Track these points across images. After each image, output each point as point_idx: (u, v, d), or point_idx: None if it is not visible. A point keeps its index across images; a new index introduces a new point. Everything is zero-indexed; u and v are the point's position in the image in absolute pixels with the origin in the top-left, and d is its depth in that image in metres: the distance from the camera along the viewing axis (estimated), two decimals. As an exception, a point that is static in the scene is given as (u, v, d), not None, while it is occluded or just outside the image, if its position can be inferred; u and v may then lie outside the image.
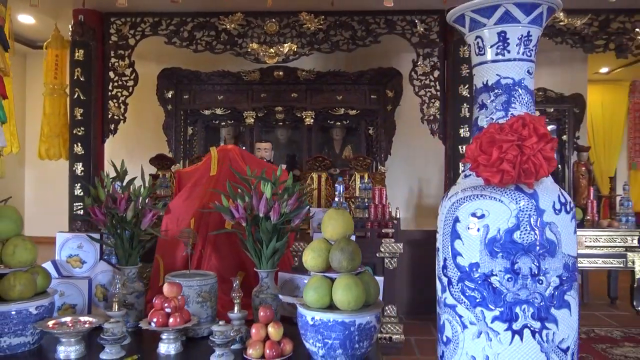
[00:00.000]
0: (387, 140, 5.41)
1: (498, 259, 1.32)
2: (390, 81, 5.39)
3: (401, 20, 4.81)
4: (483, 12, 1.42)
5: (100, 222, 2.14)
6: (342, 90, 5.43)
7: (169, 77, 5.37)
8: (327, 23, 4.75)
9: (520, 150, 1.28)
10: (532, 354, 1.31)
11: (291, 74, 5.26)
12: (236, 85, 5.41)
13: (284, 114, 5.47)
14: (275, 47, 4.68)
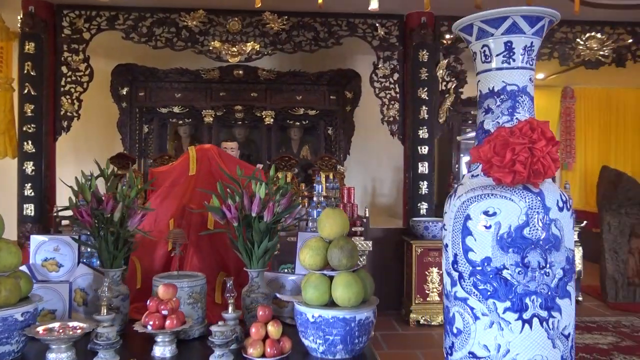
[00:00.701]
0: (346, 141, 5.51)
1: (509, 253, 1.42)
2: (349, 82, 5.49)
3: (362, 23, 4.92)
4: (492, 23, 1.51)
5: (87, 223, 2.07)
6: (302, 91, 5.47)
7: (124, 74, 5.20)
8: (290, 23, 4.78)
9: (530, 152, 1.38)
10: (540, 341, 1.41)
11: (251, 73, 5.24)
12: (194, 83, 5.32)
13: (243, 113, 5.44)
14: (238, 46, 4.65)
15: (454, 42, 5.07)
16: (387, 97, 4.95)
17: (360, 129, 5.87)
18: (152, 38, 4.65)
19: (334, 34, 4.86)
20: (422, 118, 4.81)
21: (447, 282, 1.58)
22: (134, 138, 5.23)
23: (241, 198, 2.21)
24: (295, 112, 5.51)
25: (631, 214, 5.53)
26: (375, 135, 6.20)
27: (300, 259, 2.03)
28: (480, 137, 1.58)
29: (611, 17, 5.18)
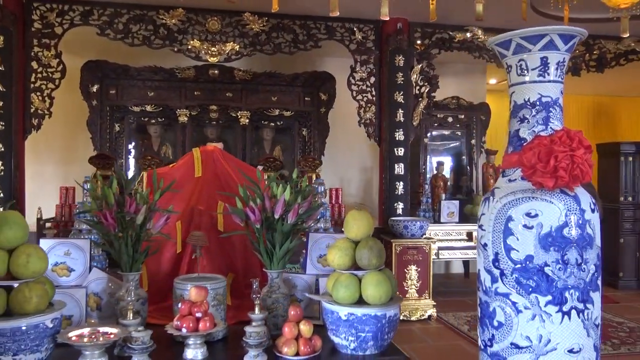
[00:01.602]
0: (321, 142, 5.59)
1: (551, 252, 1.55)
2: (324, 84, 5.57)
3: (340, 27, 5.01)
4: (530, 39, 1.64)
5: (111, 227, 2.04)
6: (277, 92, 5.50)
7: (94, 70, 5.03)
8: (270, 25, 4.80)
9: (571, 159, 1.52)
10: (577, 331, 1.56)
11: (227, 73, 5.21)
12: (169, 82, 5.22)
13: (218, 113, 5.39)
14: (218, 46, 4.62)
15: (426, 48, 5.27)
16: (364, 100, 5.07)
17: (331, 130, 5.96)
18: (128, 35, 4.53)
19: (313, 37, 4.93)
20: (398, 121, 4.97)
21: (485, 279, 1.69)
22: (105, 137, 5.06)
23: (262, 200, 2.24)
24: (271, 113, 5.53)
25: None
26: (344, 137, 6.33)
27: (329, 260, 2.10)
28: (515, 144, 1.71)
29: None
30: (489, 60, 5.52)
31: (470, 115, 6.55)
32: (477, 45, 5.40)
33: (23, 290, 1.75)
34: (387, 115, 5.00)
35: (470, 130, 6.59)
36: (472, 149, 6.59)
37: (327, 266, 2.58)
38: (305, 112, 5.66)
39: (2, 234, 1.77)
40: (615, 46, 5.80)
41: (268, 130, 5.86)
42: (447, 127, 6.53)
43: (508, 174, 1.71)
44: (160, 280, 2.61)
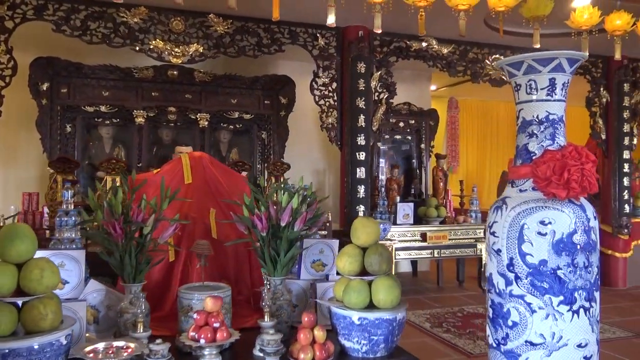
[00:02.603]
0: (281, 145, 5.61)
1: (562, 256, 1.70)
2: (283, 88, 5.60)
3: (304, 32, 5.06)
4: (541, 62, 1.79)
5: (119, 238, 1.98)
6: (237, 94, 5.46)
7: (44, 67, 4.74)
8: (234, 27, 4.76)
9: (581, 172, 1.68)
10: (584, 327, 1.72)
11: (186, 74, 5.11)
12: (125, 82, 5.03)
13: (176, 114, 5.26)
14: (182, 47, 4.52)
15: (384, 56, 5.44)
16: (326, 105, 5.15)
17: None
18: (86, 32, 4.33)
19: (277, 41, 4.94)
20: (359, 126, 5.09)
21: (499, 282, 1.82)
22: (55, 138, 4.79)
23: (266, 208, 2.26)
24: (230, 115, 5.47)
25: (524, 213, 6.37)
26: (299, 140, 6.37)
27: (339, 267, 2.15)
28: (524, 157, 1.85)
29: (511, 42, 5.92)
30: (442, 69, 5.79)
31: (420, 120, 6.83)
32: (431, 55, 5.65)
33: (37, 306, 1.67)
34: (348, 120, 5.11)
35: (419, 135, 6.86)
36: (421, 153, 6.87)
37: (320, 271, 2.64)
38: (264, 115, 5.66)
39: (14, 247, 1.67)
40: (551, 59, 6.25)
41: (225, 133, 5.80)
42: (399, 132, 6.76)
43: (518, 184, 1.85)
44: (152, 290, 2.54)
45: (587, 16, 3.24)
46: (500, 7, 2.91)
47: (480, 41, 5.81)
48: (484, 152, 11.63)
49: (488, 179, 11.43)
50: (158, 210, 2.09)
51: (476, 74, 5.85)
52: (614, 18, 3.35)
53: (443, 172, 6.47)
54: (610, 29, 3.41)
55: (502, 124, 11.87)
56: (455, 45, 5.73)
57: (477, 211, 6.15)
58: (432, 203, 5.95)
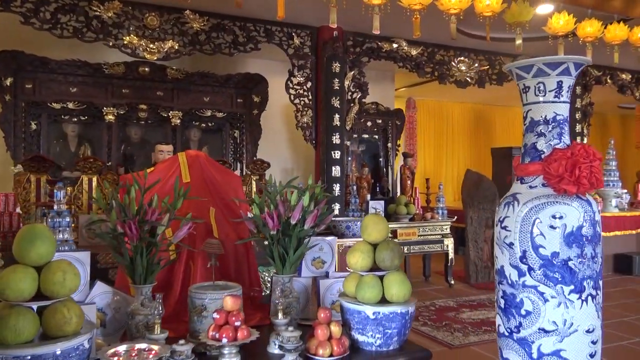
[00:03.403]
0: (253, 144, 5.58)
1: (573, 248, 1.82)
2: (256, 87, 5.57)
3: (279, 31, 5.06)
4: (550, 66, 1.90)
5: (135, 238, 1.94)
6: (210, 92, 5.39)
7: (7, 62, 4.51)
8: (210, 24, 4.70)
9: (590, 170, 1.81)
10: (592, 314, 1.85)
11: (158, 71, 4.99)
12: (94, 78, 4.86)
13: (147, 112, 5.13)
14: (157, 44, 4.42)
15: (357, 56, 5.52)
16: (301, 104, 5.18)
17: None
18: (56, 26, 4.15)
19: (253, 39, 4.92)
20: (335, 125, 5.15)
21: (511, 274, 1.92)
22: (20, 136, 4.56)
23: (276, 206, 2.27)
24: (203, 113, 5.39)
25: (487, 209, 6.66)
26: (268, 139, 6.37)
27: (352, 263, 2.20)
28: (532, 155, 1.96)
29: (475, 46, 6.16)
30: (411, 70, 5.94)
31: (386, 120, 6.97)
32: (401, 56, 5.78)
33: (61, 310, 1.61)
34: (324, 119, 5.16)
35: (386, 134, 7.01)
36: (388, 151, 7.01)
37: (320, 268, 2.67)
38: (237, 114, 5.61)
39: (35, 249, 1.62)
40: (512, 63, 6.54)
41: (196, 131, 5.71)
42: (367, 131, 6.88)
43: (527, 181, 1.96)
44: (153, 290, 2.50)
45: (562, 22, 3.44)
46: (487, 12, 3.04)
47: (446, 44, 6.00)
48: (440, 150, 11.99)
49: (444, 176, 11.78)
50: (172, 210, 2.06)
51: (443, 75, 6.04)
52: (585, 26, 3.58)
53: (410, 171, 6.63)
54: (582, 35, 3.64)
55: (456, 123, 12.30)
56: (424, 47, 5.90)
57: (443, 208, 6.35)
58: (401, 201, 6.09)
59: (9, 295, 1.55)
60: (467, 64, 6.17)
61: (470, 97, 11.27)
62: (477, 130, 12.54)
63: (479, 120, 12.63)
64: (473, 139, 12.47)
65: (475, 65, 6.22)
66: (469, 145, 12.36)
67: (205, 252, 2.51)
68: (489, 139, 12.58)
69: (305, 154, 7.08)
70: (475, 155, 12.32)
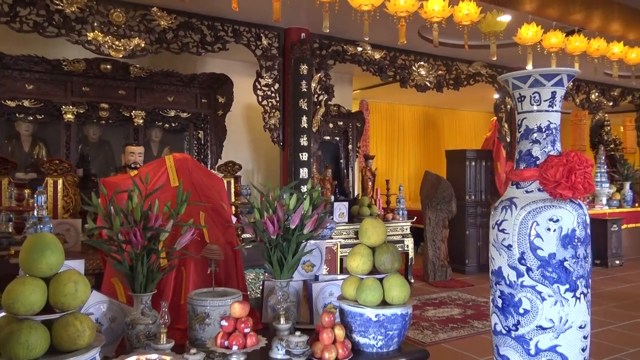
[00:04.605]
0: (218, 145, 5.50)
1: (568, 249, 1.94)
2: (221, 87, 5.49)
3: (247, 32, 5.01)
4: (546, 77, 2.01)
5: (139, 245, 1.88)
6: (174, 92, 5.26)
7: (-44, 56, 4.21)
8: (178, 22, 4.59)
9: (584, 175, 1.93)
10: (584, 310, 1.97)
11: (120, 68, 4.81)
12: (52, 75, 4.61)
13: (109, 111, 4.93)
14: (123, 41, 4.27)
15: (323, 59, 5.56)
16: (269, 106, 5.15)
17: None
18: (15, 19, 3.92)
19: (221, 39, 4.85)
20: (302, 127, 5.17)
21: (509, 275, 2.02)
22: (-30, 136, 4.27)
23: (275, 211, 2.27)
24: (167, 113, 5.25)
25: (444, 210, 6.88)
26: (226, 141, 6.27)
27: (353, 266, 2.23)
28: (528, 161, 2.06)
29: (434, 51, 6.35)
30: (375, 74, 6.04)
31: (347, 122, 7.05)
32: (365, 59, 5.88)
33: (73, 323, 1.54)
34: (291, 121, 5.16)
35: (347, 136, 7.09)
36: (349, 153, 7.10)
37: (309, 272, 2.69)
38: (201, 114, 5.50)
39: (45, 259, 1.54)
40: (467, 68, 6.82)
41: (157, 131, 5.55)
42: (328, 133, 6.93)
43: (523, 186, 2.06)
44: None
45: (531, 33, 3.63)
46: (466, 22, 3.17)
47: (407, 48, 6.15)
48: (391, 151, 12.25)
49: (396, 177, 12.05)
50: (175, 215, 2.01)
51: (404, 79, 6.19)
52: (550, 36, 3.80)
53: (371, 172, 6.75)
54: (547, 46, 3.85)
55: (407, 125, 12.61)
56: (387, 51, 6.02)
57: (403, 209, 6.51)
58: (364, 202, 6.19)
59: (19, 309, 1.47)
60: (426, 69, 6.36)
61: (421, 100, 11.60)
62: (427, 132, 12.91)
63: (429, 123, 13.01)
64: (423, 141, 12.82)
65: (433, 70, 6.41)
66: (420, 147, 12.71)
67: (197, 258, 2.47)
68: (439, 141, 13.00)
69: (266, 156, 7.05)
70: (425, 157, 12.68)
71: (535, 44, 3.73)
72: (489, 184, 7.93)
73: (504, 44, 4.30)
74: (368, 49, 5.81)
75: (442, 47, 6.08)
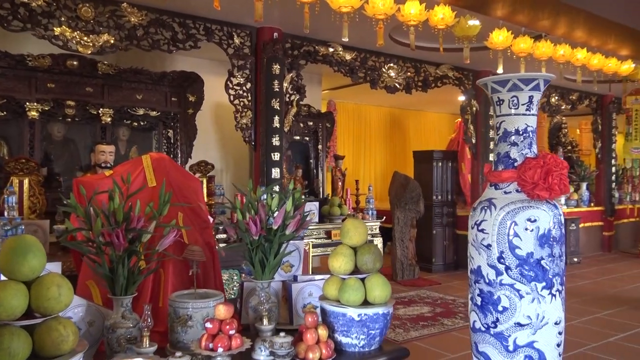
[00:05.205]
0: (188, 144, 5.41)
1: (545, 248, 2.01)
2: (191, 85, 5.41)
3: (219, 30, 4.96)
4: (524, 81, 2.07)
5: (122, 248, 1.84)
6: (143, 90, 5.14)
7: None
8: (149, 19, 4.49)
9: (560, 177, 2.01)
10: (559, 307, 2.05)
11: (88, 65, 4.68)
12: (14, 70, 4.44)
13: (75, 109, 4.78)
14: (92, 37, 4.15)
15: (295, 59, 5.55)
16: (240, 105, 5.11)
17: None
18: (-24, 12, 3.76)
19: (192, 37, 4.78)
20: (275, 127, 5.15)
21: (488, 274, 2.07)
22: None
23: (257, 211, 2.26)
24: (135, 112, 5.13)
25: (412, 210, 6.99)
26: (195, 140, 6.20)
27: (335, 266, 2.24)
28: (506, 162, 2.13)
29: (403, 53, 6.44)
30: (346, 74, 6.08)
31: (317, 122, 7.07)
32: (336, 60, 5.90)
33: (57, 328, 1.50)
34: (263, 121, 5.13)
35: (317, 136, 7.11)
36: (318, 153, 7.12)
37: (288, 272, 2.69)
38: (171, 113, 5.40)
39: (27, 263, 1.49)
40: (435, 71, 6.95)
41: (125, 130, 5.42)
42: (298, 133, 6.93)
43: (502, 187, 2.12)
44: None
45: (502, 38, 3.74)
46: (441, 25, 3.23)
47: (378, 50, 6.21)
48: (358, 152, 12.35)
49: (362, 177, 12.15)
50: (158, 216, 1.98)
51: (374, 80, 6.25)
52: (520, 42, 3.92)
53: (341, 172, 6.79)
54: (516, 51, 3.97)
55: (374, 126, 12.74)
56: (358, 52, 6.07)
57: (373, 209, 6.58)
58: (335, 202, 6.22)
59: (0, 314, 1.41)
60: (396, 71, 6.44)
61: (387, 102, 11.75)
62: (393, 133, 13.08)
63: (395, 124, 13.18)
64: (389, 141, 12.98)
65: (403, 72, 6.51)
66: (386, 147, 12.86)
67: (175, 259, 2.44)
68: (404, 142, 13.19)
69: (235, 155, 6.99)
70: (391, 158, 12.84)
71: (506, 48, 3.85)
72: (455, 185, 8.11)
73: (473, 48, 4.40)
74: (340, 50, 5.84)
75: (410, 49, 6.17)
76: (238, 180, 6.82)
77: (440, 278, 7.18)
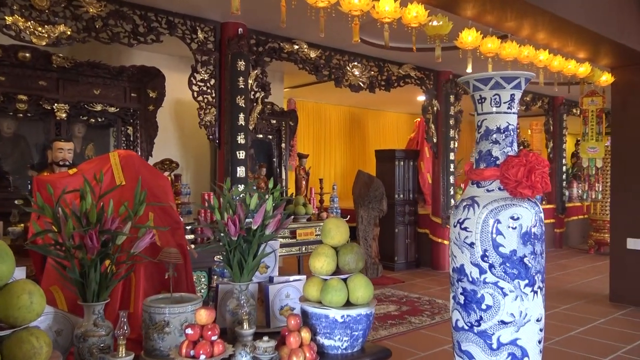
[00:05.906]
0: (149, 142, 5.22)
1: (527, 245, 2.02)
2: (152, 81, 5.21)
3: (182, 24, 4.80)
4: (507, 79, 2.08)
5: (94, 251, 1.72)
6: (101, 84, 4.91)
7: None
8: (108, 10, 4.28)
9: (542, 175, 2.02)
10: (540, 304, 2.07)
11: (41, 57, 4.42)
12: (-40, 62, 4.13)
13: (27, 104, 4.51)
14: (47, 27, 3.91)
15: (260, 55, 5.45)
16: (204, 102, 4.96)
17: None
18: None
19: (154, 30, 4.60)
20: (240, 124, 5.03)
21: (472, 272, 2.07)
22: None
23: (235, 211, 2.18)
24: (92, 107, 4.89)
25: (375, 208, 7.01)
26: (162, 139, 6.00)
27: (317, 267, 2.19)
28: (488, 161, 2.13)
29: (367, 52, 6.45)
30: (310, 72, 6.02)
31: (280, 120, 6.98)
32: (301, 57, 5.84)
33: (29, 339, 1.38)
34: (228, 118, 5.01)
35: (280, 135, 7.02)
36: (282, 152, 7.03)
37: (264, 273, 2.61)
38: (130, 109, 5.19)
39: (-6, 269, 1.36)
40: (397, 70, 7.00)
41: (80, 126, 5.16)
42: (261, 131, 6.81)
43: (484, 185, 2.12)
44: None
45: (471, 38, 3.78)
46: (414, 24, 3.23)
47: (342, 48, 6.19)
48: (318, 150, 12.32)
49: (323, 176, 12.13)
50: (133, 217, 1.86)
51: (339, 79, 6.23)
52: (487, 42, 3.98)
53: (305, 171, 6.73)
54: (484, 51, 4.03)
55: (334, 125, 12.74)
56: (322, 50, 6.02)
57: (337, 208, 6.55)
58: (299, 201, 6.16)
59: (-35, 326, 1.28)
60: (360, 69, 6.44)
61: (347, 101, 11.78)
62: (353, 132, 13.12)
63: (354, 123, 13.23)
64: (349, 140, 13.02)
65: (366, 71, 6.51)
66: (346, 146, 12.89)
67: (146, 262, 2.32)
68: (364, 141, 13.26)
69: (195, 154, 6.81)
70: (351, 156, 12.89)
71: (475, 48, 3.90)
72: (416, 183, 8.21)
73: (442, 47, 4.43)
74: (305, 47, 5.78)
75: (373, 47, 6.19)
76: (199, 179, 6.64)
77: (403, 276, 7.25)
